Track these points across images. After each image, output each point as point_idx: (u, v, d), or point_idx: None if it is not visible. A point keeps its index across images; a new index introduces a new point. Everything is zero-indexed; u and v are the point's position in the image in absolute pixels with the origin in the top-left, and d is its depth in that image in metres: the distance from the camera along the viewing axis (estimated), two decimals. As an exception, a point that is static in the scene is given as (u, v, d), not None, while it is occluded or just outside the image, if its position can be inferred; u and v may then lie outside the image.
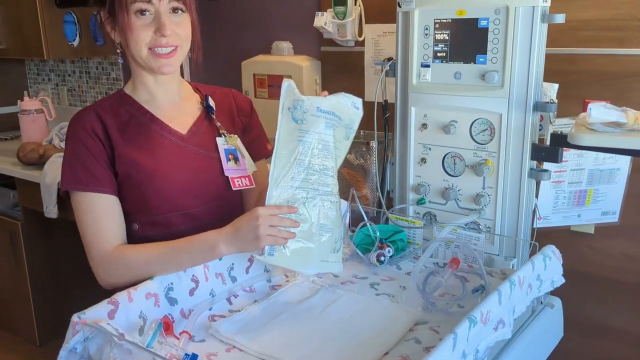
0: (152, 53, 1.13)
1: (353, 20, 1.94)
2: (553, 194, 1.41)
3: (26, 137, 2.63)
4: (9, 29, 2.67)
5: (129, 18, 1.11)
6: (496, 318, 0.96)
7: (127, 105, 1.21)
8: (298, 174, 1.07)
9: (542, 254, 1.14)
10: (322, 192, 1.09)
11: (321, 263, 1.10)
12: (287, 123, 1.07)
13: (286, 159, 1.06)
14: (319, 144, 1.08)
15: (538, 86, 1.29)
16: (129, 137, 1.18)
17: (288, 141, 1.06)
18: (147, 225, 1.19)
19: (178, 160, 1.19)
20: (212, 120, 1.26)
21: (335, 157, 1.12)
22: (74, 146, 1.16)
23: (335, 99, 1.12)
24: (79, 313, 0.94)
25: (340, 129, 1.12)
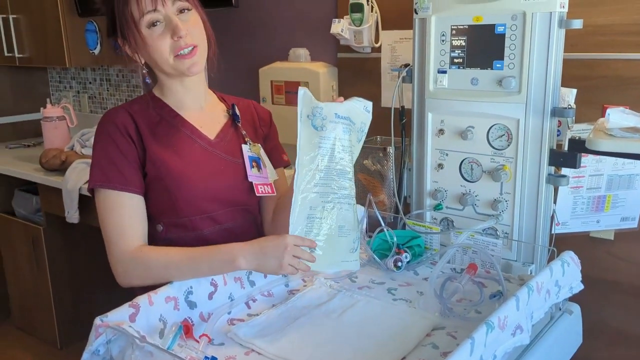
0: (177, 58, 1.15)
1: (369, 27, 1.95)
2: (571, 200, 1.40)
3: (48, 144, 2.68)
4: (33, 38, 2.73)
5: (144, 34, 1.13)
6: (514, 323, 0.96)
7: (157, 107, 1.23)
8: (319, 180, 1.09)
9: (561, 260, 1.14)
10: (340, 195, 1.11)
11: (341, 263, 1.14)
12: (307, 130, 1.08)
13: (308, 165, 1.08)
14: (339, 148, 1.10)
15: (556, 92, 1.28)
16: (159, 139, 1.19)
17: (309, 148, 1.08)
18: (171, 226, 1.20)
19: (206, 164, 1.21)
20: (237, 128, 1.29)
21: (352, 160, 1.14)
22: (103, 144, 1.17)
23: (349, 104, 1.14)
24: (102, 316, 0.96)
25: (354, 133, 1.14)
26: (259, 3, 2.32)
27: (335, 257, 1.11)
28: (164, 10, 1.13)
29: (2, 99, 3.18)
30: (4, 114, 3.18)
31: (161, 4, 1.12)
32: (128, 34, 1.14)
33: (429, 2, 1.37)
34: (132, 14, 1.12)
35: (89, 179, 1.17)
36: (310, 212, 1.08)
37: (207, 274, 1.10)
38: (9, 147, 3.01)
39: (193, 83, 1.24)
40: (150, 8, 1.12)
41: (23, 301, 2.80)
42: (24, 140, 3.15)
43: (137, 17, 1.12)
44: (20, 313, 2.85)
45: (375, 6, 1.95)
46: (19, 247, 2.70)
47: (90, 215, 2.25)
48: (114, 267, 1.16)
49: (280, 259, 1.04)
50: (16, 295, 2.83)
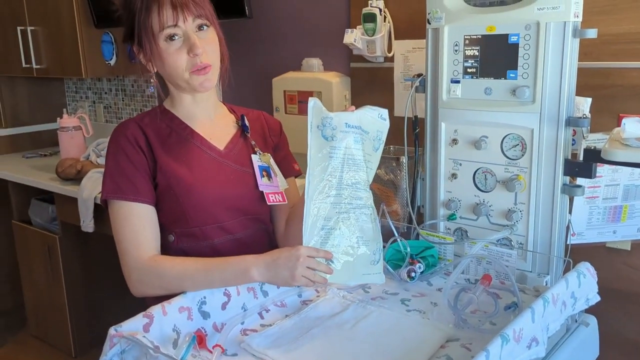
0: (192, 74, 1.17)
1: (382, 37, 1.96)
2: (587, 210, 1.39)
3: (64, 153, 2.71)
4: (50, 49, 2.77)
5: (161, 46, 1.15)
6: (529, 336, 0.95)
7: (167, 119, 1.25)
8: (331, 190, 1.08)
9: (577, 271, 1.12)
10: (355, 205, 1.10)
11: (363, 276, 1.12)
12: (317, 141, 1.08)
13: (319, 176, 1.07)
14: (349, 159, 1.10)
15: (570, 101, 1.27)
16: (169, 150, 1.21)
17: (320, 159, 1.08)
18: (182, 236, 1.21)
19: (216, 174, 1.22)
20: (247, 138, 1.30)
21: (367, 169, 1.13)
22: (115, 156, 1.19)
23: (360, 113, 1.14)
24: (116, 326, 0.96)
25: (368, 142, 1.13)
26: (272, 14, 2.34)
27: (355, 270, 1.10)
28: (184, 26, 1.14)
29: (20, 110, 3.22)
30: (21, 124, 3.23)
31: (182, 20, 1.13)
32: (145, 43, 1.16)
33: (442, 12, 1.37)
34: (152, 25, 1.14)
35: (102, 190, 1.20)
36: (324, 222, 1.07)
37: (220, 285, 1.10)
38: (26, 156, 3.06)
39: (203, 95, 1.26)
40: (171, 23, 1.13)
41: (38, 309, 2.83)
42: (40, 149, 3.19)
43: (156, 30, 1.14)
44: (36, 321, 2.87)
45: (388, 16, 1.96)
46: (35, 255, 2.72)
47: (105, 224, 2.27)
48: (128, 277, 1.17)
49: (292, 270, 1.03)
50: (32, 304, 2.85)
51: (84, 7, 2.58)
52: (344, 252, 1.09)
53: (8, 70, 3.03)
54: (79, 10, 2.58)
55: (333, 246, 1.08)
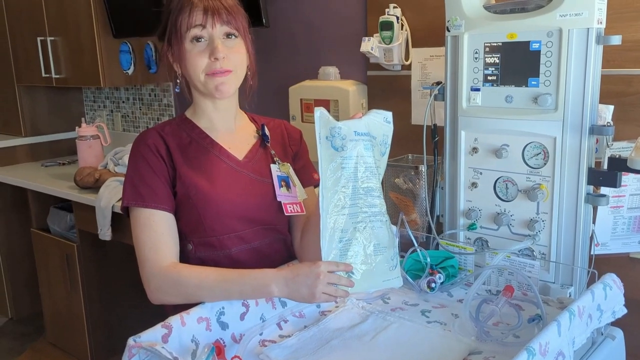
0: (208, 76, 1.18)
1: (400, 45, 1.95)
2: (611, 220, 1.36)
3: (83, 162, 2.73)
4: (69, 59, 2.81)
5: (186, 47, 1.17)
6: (555, 350, 0.93)
7: (187, 129, 1.25)
8: (346, 201, 1.06)
9: (602, 283, 1.10)
10: (370, 213, 1.08)
11: (382, 282, 1.10)
12: (327, 152, 1.06)
13: (333, 188, 1.06)
14: (362, 166, 1.08)
15: (594, 109, 1.25)
16: (189, 159, 1.21)
17: (332, 170, 1.06)
18: (200, 246, 1.21)
19: (234, 184, 1.22)
20: (266, 148, 1.30)
21: (378, 175, 1.12)
22: (136, 163, 1.20)
23: (367, 119, 1.12)
24: (134, 337, 0.96)
25: (376, 147, 1.12)
26: (289, 22, 2.35)
27: (375, 278, 1.08)
28: (211, 30, 1.16)
29: (39, 119, 3.26)
30: (40, 132, 3.27)
31: (211, 24, 1.15)
32: (173, 42, 1.18)
33: (462, 20, 1.36)
34: (181, 24, 1.16)
35: (122, 197, 1.20)
36: (341, 235, 1.06)
37: (238, 298, 1.09)
38: (45, 165, 3.09)
39: (224, 105, 1.26)
40: (198, 23, 1.15)
41: (56, 317, 2.84)
42: (59, 158, 3.23)
43: (184, 29, 1.16)
44: (54, 329, 2.89)
45: (405, 24, 1.95)
46: (53, 263, 2.74)
47: (122, 232, 2.28)
48: (146, 283, 1.16)
49: (312, 288, 1.01)
50: (50, 312, 2.87)
51: (103, 18, 2.61)
52: (363, 262, 1.07)
53: (28, 79, 3.07)
54: (97, 21, 2.61)
55: (352, 257, 1.06)
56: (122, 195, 1.20)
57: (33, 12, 2.88)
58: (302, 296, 1.03)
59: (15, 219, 3.14)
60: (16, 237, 3.15)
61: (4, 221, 3.13)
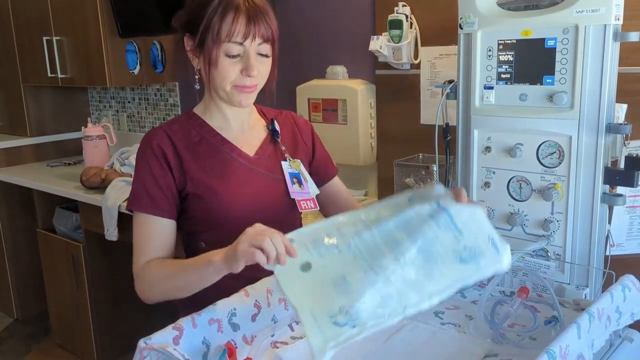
0: (235, 89, 1.16)
1: (409, 43, 1.93)
2: (627, 220, 1.34)
3: (89, 162, 2.73)
4: (75, 59, 2.80)
5: (219, 55, 1.12)
6: (575, 353, 0.91)
7: (197, 126, 1.23)
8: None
9: (621, 284, 1.08)
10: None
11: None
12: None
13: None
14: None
15: (610, 107, 1.23)
16: (199, 158, 1.20)
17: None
18: (213, 244, 1.19)
19: (246, 182, 1.21)
20: (277, 143, 1.28)
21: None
22: (139, 167, 1.21)
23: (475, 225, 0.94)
24: (145, 338, 0.94)
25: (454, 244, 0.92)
26: (296, 21, 2.33)
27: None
28: (249, 45, 1.13)
29: (45, 119, 3.26)
30: (46, 133, 3.26)
31: (250, 40, 1.12)
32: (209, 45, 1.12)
33: (475, 17, 1.34)
34: (220, 30, 1.11)
35: (129, 199, 1.22)
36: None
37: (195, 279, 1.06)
38: (50, 165, 3.08)
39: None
40: (238, 40, 1.11)
41: (63, 318, 2.83)
42: (64, 158, 3.22)
43: (223, 36, 1.11)
44: (60, 329, 2.88)
45: (414, 22, 1.93)
46: (59, 263, 2.74)
47: (128, 232, 2.26)
48: (135, 284, 1.20)
49: (238, 241, 0.94)
50: (56, 312, 2.86)
51: (109, 17, 2.60)
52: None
53: (34, 79, 3.07)
54: (103, 20, 2.60)
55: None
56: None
57: (39, 12, 2.88)
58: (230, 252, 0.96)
59: (21, 219, 3.14)
60: (22, 238, 3.15)
61: (9, 221, 3.12)
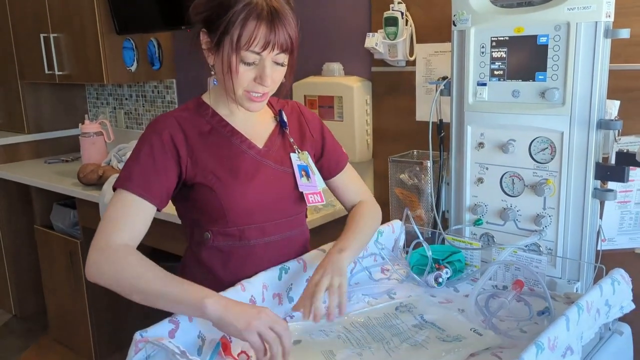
0: (246, 95, 1.14)
1: (404, 41, 1.94)
2: (618, 215, 1.35)
3: (86, 159, 2.73)
4: (72, 56, 2.81)
5: (237, 61, 1.10)
6: (564, 344, 0.92)
7: (207, 116, 1.21)
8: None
9: (611, 278, 1.09)
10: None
11: None
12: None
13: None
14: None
15: (602, 103, 1.25)
16: (210, 149, 1.18)
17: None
18: (220, 235, 1.19)
19: (256, 174, 1.19)
20: (285, 135, 1.27)
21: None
22: (141, 149, 1.14)
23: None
24: (141, 331, 0.95)
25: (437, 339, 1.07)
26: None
27: None
28: (266, 55, 1.10)
29: (42, 116, 3.26)
30: (43, 130, 3.27)
31: (268, 51, 1.09)
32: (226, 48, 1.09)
33: (468, 14, 1.35)
34: (240, 39, 1.08)
35: (117, 178, 1.14)
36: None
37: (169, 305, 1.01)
38: (48, 162, 3.09)
39: None
40: (257, 50, 1.09)
41: (60, 314, 2.84)
42: (62, 155, 3.23)
43: (242, 43, 1.08)
44: (58, 326, 2.89)
45: (410, 19, 1.94)
46: (56, 260, 2.75)
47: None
48: (90, 255, 1.07)
49: (251, 319, 0.94)
50: (53, 308, 2.87)
51: (106, 14, 2.61)
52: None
53: (31, 76, 3.07)
54: (100, 17, 2.61)
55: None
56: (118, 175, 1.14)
57: (36, 9, 2.88)
58: (237, 324, 0.95)
59: (19, 216, 3.14)
60: (20, 234, 3.16)
61: (7, 218, 3.13)
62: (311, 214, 1.87)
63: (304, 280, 1.22)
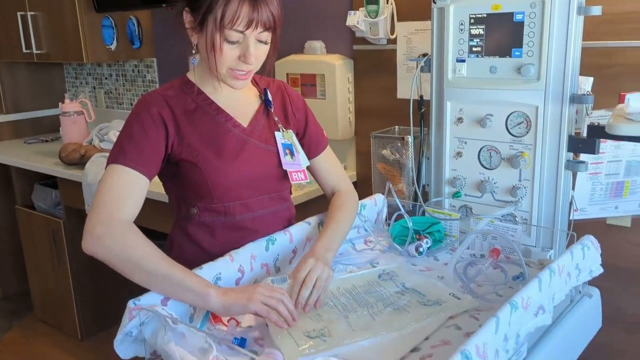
0: (231, 73, 1.16)
1: (385, 19, 1.97)
2: (590, 186, 1.42)
3: (67, 138, 2.72)
4: (51, 34, 2.77)
5: (221, 40, 1.11)
6: (536, 304, 0.98)
7: (192, 93, 1.22)
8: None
9: (581, 244, 1.15)
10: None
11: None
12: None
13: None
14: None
15: (574, 78, 1.30)
16: (195, 127, 1.20)
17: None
18: (206, 211, 1.22)
19: (240, 152, 1.22)
20: (269, 113, 1.30)
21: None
22: (131, 126, 1.16)
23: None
24: (134, 299, 0.99)
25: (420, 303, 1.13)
26: (274, -3, 2.34)
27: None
28: (249, 34, 1.12)
29: (20, 96, 3.23)
30: (22, 110, 3.23)
31: (252, 30, 1.11)
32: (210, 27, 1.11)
33: (448, -8, 1.39)
34: (223, 18, 1.09)
35: (109, 155, 1.15)
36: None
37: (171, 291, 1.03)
38: (27, 142, 3.06)
39: None
40: (240, 29, 1.10)
41: (44, 294, 2.85)
42: (41, 135, 3.20)
43: (225, 22, 1.09)
44: (42, 305, 2.90)
45: (390, -2, 1.96)
46: (39, 240, 2.75)
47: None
48: (90, 228, 1.06)
49: (251, 293, 1.00)
50: (37, 288, 2.88)
51: (85, -8, 2.58)
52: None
53: (8, 55, 3.03)
54: (79, -5, 2.58)
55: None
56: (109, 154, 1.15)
57: (12, -14, 2.83)
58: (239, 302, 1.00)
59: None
60: (0, 215, 3.14)
61: (-13, 199, 3.11)
62: (295, 191, 1.90)
63: (290, 251, 1.26)
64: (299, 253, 1.27)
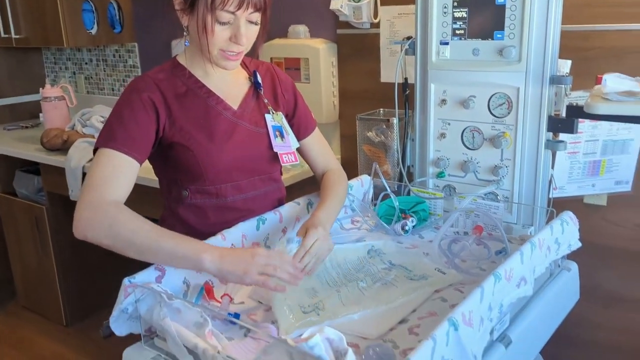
0: (222, 54, 1.16)
1: (368, 3, 1.98)
2: (568, 165, 1.47)
3: (49, 124, 2.69)
4: (29, 18, 2.73)
5: (212, 21, 1.12)
6: (519, 276, 1.03)
7: (182, 77, 1.23)
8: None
9: (560, 219, 1.20)
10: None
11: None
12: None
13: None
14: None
15: (554, 60, 1.34)
16: (186, 110, 1.21)
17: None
18: (197, 193, 1.24)
19: (231, 135, 1.23)
20: (259, 96, 1.31)
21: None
22: (121, 110, 1.16)
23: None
24: (129, 277, 1.00)
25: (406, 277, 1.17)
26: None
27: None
28: (240, 15, 1.13)
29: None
30: (0, 95, 3.18)
31: (242, 10, 1.12)
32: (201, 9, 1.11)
33: (432, -25, 1.41)
34: None
35: (97, 138, 1.16)
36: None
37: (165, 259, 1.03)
38: (7, 128, 3.02)
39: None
40: (231, 9, 1.11)
41: (28, 280, 2.84)
42: (21, 121, 3.16)
43: (217, 3, 1.10)
44: (26, 292, 2.89)
45: (374, -18, 1.98)
46: (21, 227, 2.73)
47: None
48: (78, 212, 1.07)
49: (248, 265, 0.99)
50: (21, 275, 2.86)
51: (64, -25, 2.54)
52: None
53: (-15, 40, 2.97)
54: (58, -22, 2.54)
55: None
56: (97, 137, 1.16)
57: (-12, -31, 2.78)
58: (235, 271, 1.00)
59: (-21, 184, 3.08)
60: (-19, 203, 3.10)
61: (-34, 186, 3.06)
62: (286, 172, 1.92)
63: (279, 230, 1.29)
64: (288, 232, 1.30)
